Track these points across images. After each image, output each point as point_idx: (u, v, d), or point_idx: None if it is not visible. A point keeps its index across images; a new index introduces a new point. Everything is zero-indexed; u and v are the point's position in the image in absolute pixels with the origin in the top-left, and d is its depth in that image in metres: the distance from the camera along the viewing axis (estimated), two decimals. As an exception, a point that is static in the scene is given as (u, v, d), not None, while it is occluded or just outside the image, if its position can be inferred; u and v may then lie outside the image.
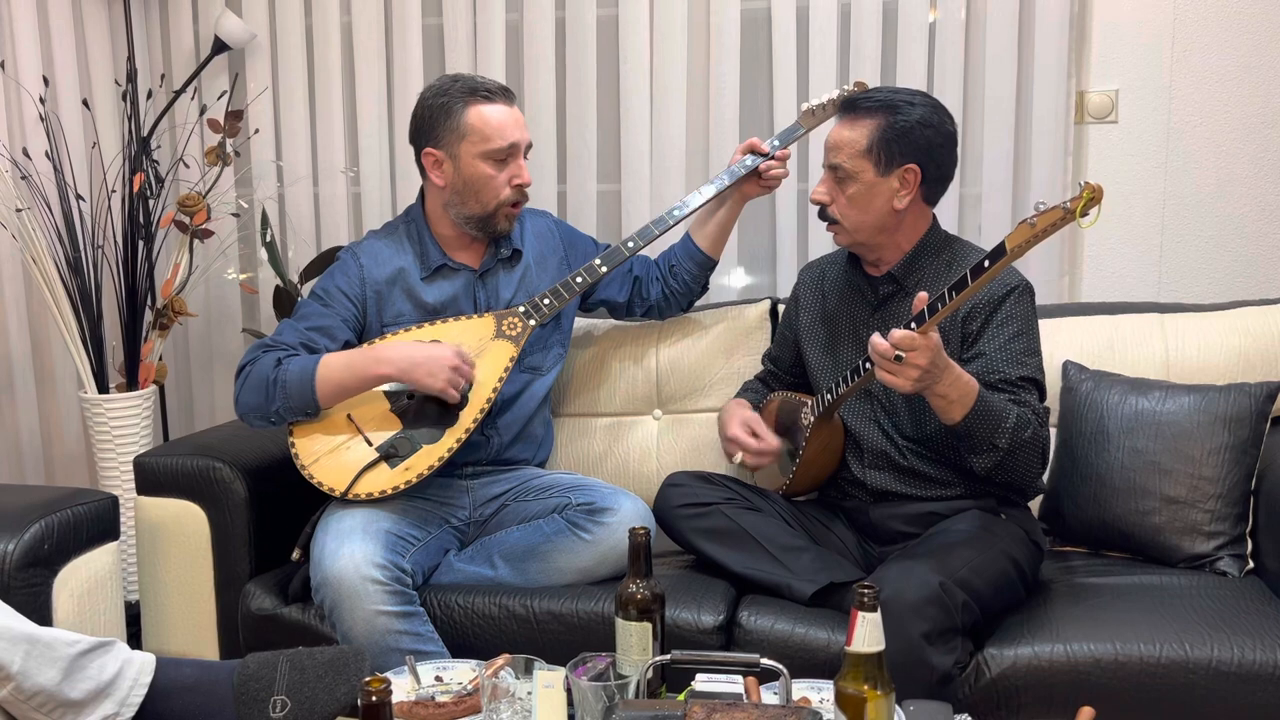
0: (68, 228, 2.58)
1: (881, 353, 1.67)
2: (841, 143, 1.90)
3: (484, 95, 2.02)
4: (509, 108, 2.04)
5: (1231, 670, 1.63)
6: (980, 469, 1.81)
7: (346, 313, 2.05)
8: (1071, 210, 1.52)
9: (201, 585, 2.08)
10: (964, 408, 1.73)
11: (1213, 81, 2.48)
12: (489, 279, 2.12)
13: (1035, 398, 1.85)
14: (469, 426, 1.97)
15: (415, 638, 1.82)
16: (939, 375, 1.69)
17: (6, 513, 1.81)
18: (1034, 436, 1.79)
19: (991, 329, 1.87)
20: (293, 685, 1.54)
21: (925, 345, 1.65)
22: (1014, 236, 1.58)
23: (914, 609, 1.61)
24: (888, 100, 1.89)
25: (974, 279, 1.62)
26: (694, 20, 2.63)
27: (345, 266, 2.09)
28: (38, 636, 1.47)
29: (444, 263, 2.10)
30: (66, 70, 2.72)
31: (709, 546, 1.95)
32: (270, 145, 2.83)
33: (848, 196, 1.91)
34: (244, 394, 1.95)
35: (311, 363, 1.93)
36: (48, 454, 2.84)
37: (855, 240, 1.96)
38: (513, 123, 2.04)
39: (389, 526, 1.89)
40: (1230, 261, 2.52)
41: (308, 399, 1.93)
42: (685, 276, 2.23)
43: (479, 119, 2.01)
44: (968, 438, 1.78)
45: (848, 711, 1.27)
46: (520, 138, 2.04)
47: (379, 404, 1.99)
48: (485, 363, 2.02)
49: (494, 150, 2.01)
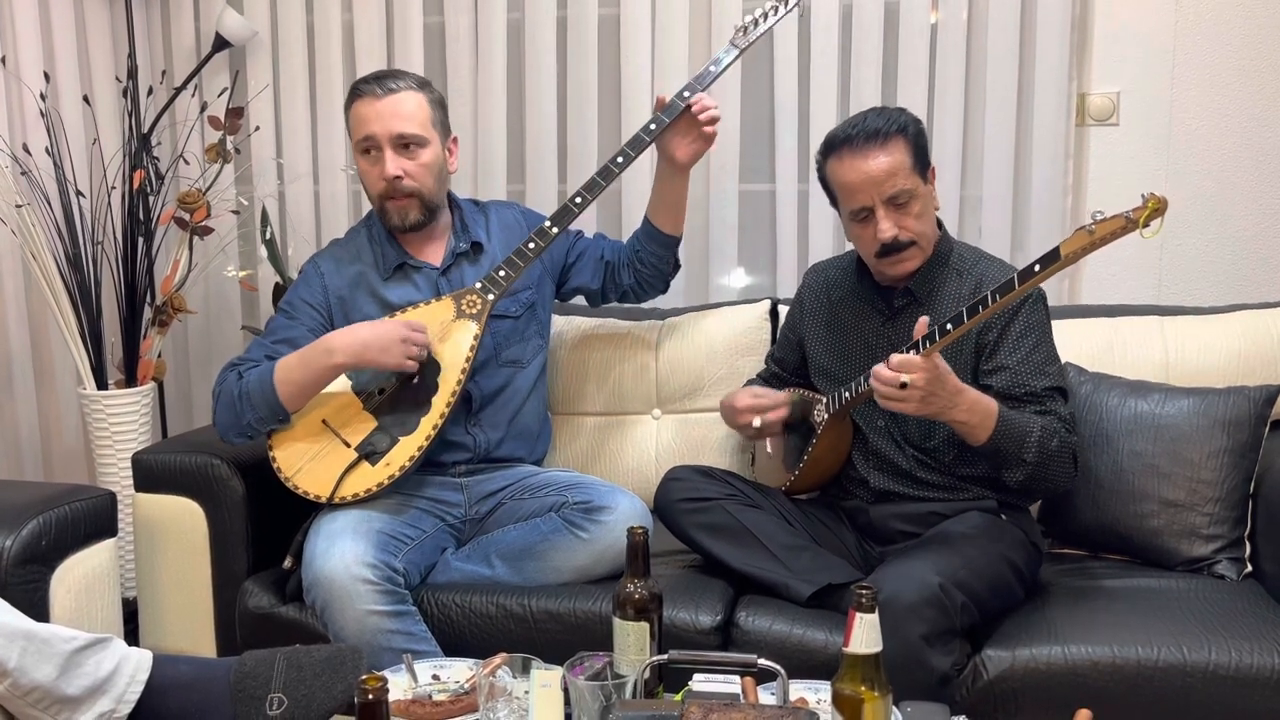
0: (68, 224, 2.58)
1: (886, 380, 1.68)
2: (889, 170, 1.83)
3: (357, 91, 2.04)
4: (375, 99, 2.00)
5: (1229, 674, 1.62)
6: (1014, 483, 1.81)
7: (313, 323, 2.05)
8: (1134, 220, 1.51)
9: (199, 583, 2.08)
10: (987, 430, 1.74)
11: (1214, 84, 2.48)
12: (452, 273, 2.12)
13: (1061, 405, 1.85)
14: (443, 411, 1.96)
15: (408, 637, 1.81)
16: (950, 399, 1.69)
17: (4, 509, 1.81)
18: (1062, 445, 1.80)
19: (1010, 340, 1.86)
20: (290, 683, 1.53)
21: (923, 367, 1.65)
22: (1070, 243, 1.57)
23: (912, 610, 1.61)
24: (893, 120, 1.86)
25: (1022, 283, 1.62)
26: (695, 20, 2.63)
27: (307, 278, 2.11)
28: (34, 632, 1.47)
29: (403, 261, 2.10)
30: (67, 66, 2.72)
31: (708, 542, 1.95)
32: (270, 142, 2.83)
33: (915, 216, 1.86)
34: (218, 414, 1.98)
35: (268, 369, 1.95)
36: (46, 450, 2.84)
37: (925, 257, 1.91)
38: (374, 115, 2.00)
39: (381, 526, 1.89)
40: (1230, 264, 2.52)
41: (273, 404, 1.94)
42: (651, 258, 2.21)
43: (352, 120, 2.06)
44: (996, 455, 1.78)
45: (845, 713, 1.27)
46: (378, 130, 2.00)
47: (351, 405, 1.99)
48: (449, 344, 2.00)
49: (358, 144, 2.04)
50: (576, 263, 2.25)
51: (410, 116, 2.02)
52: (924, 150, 1.88)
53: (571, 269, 2.25)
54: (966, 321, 1.67)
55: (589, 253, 2.25)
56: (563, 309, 2.45)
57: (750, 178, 2.70)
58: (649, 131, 2.08)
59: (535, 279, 2.17)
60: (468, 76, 2.72)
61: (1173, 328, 2.19)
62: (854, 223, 1.91)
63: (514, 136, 2.74)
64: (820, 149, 1.93)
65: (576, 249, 2.25)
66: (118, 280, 2.66)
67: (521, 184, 2.75)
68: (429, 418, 1.96)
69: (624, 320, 2.42)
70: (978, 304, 1.67)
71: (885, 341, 1.96)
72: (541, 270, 2.19)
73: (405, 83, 2.04)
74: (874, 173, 1.84)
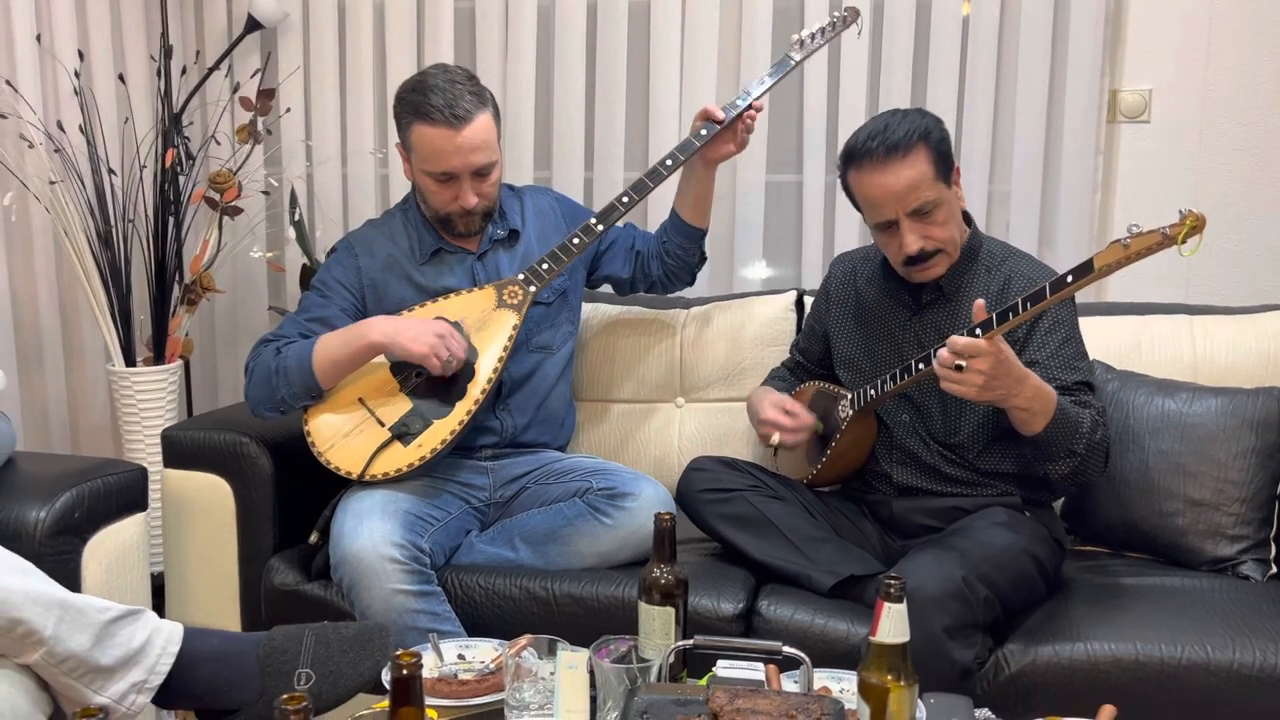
0: (99, 202, 2.60)
1: (943, 361, 1.67)
2: (912, 184, 1.80)
3: (426, 117, 1.97)
4: (452, 131, 1.95)
5: (1253, 674, 1.62)
6: (1056, 475, 1.80)
7: (345, 302, 2.07)
8: (1172, 237, 1.52)
9: (226, 559, 2.10)
10: (1046, 417, 1.73)
11: (1247, 83, 2.46)
12: (488, 259, 2.13)
13: (1093, 398, 1.85)
14: (477, 398, 1.97)
15: (432, 617, 1.83)
16: (1012, 386, 1.68)
17: (38, 481, 1.83)
18: (1102, 438, 1.80)
19: (1040, 335, 1.86)
20: (317, 659, 1.55)
21: (988, 351, 1.64)
22: (1104, 256, 1.57)
23: (935, 602, 1.61)
24: (914, 127, 1.83)
25: (1053, 293, 1.62)
26: (726, 11, 2.62)
27: (340, 258, 2.12)
28: (70, 602, 1.49)
29: (440, 247, 2.11)
30: (101, 45, 2.73)
31: (730, 532, 1.96)
32: (300, 125, 2.84)
33: (939, 224, 1.85)
34: (252, 388, 2.00)
35: (308, 346, 1.97)
36: (74, 425, 2.86)
37: (952, 260, 1.90)
38: (453, 150, 1.96)
39: (408, 507, 1.91)
40: (1261, 264, 2.51)
41: (308, 379, 1.95)
42: (677, 250, 2.22)
43: (419, 140, 2.00)
44: (1047, 446, 1.77)
45: (870, 701, 1.28)
46: (458, 165, 1.98)
47: (388, 384, 2.00)
48: (488, 333, 2.01)
49: (433, 172, 2.01)
50: (608, 251, 2.26)
51: (486, 145, 2.00)
52: (947, 155, 1.85)
53: (603, 257, 2.26)
54: (1025, 310, 1.65)
55: (620, 242, 2.26)
56: (589, 296, 2.45)
57: (777, 169, 2.69)
58: (699, 137, 2.10)
59: (569, 266, 2.18)
60: (497, 62, 2.72)
61: (1201, 327, 2.18)
62: (879, 233, 1.90)
63: (541, 123, 2.74)
64: (841, 156, 1.91)
65: (609, 238, 2.26)
66: (148, 259, 2.68)
67: (548, 170, 2.75)
68: (463, 403, 1.97)
69: (650, 309, 2.43)
70: (1029, 298, 1.65)
71: (912, 336, 1.96)
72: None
73: (473, 104, 1.97)
74: (896, 187, 1.81)
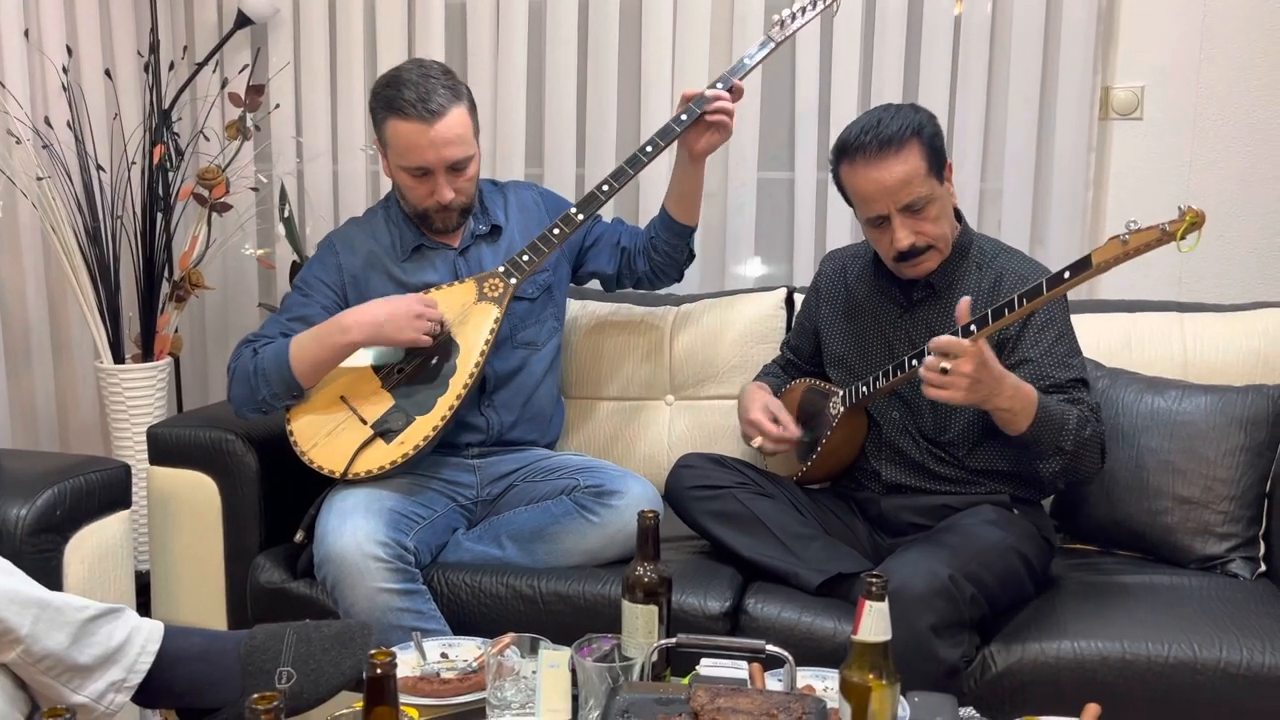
0: (87, 198, 2.59)
1: (929, 366, 1.66)
2: (904, 180, 1.79)
3: (399, 112, 1.95)
4: (425, 125, 1.93)
5: (1240, 672, 1.61)
6: (1048, 473, 1.80)
7: (326, 300, 2.06)
8: (1170, 233, 1.51)
9: (211, 556, 2.09)
10: (1028, 417, 1.72)
11: (1239, 80, 2.45)
12: (470, 254, 2.12)
13: (1087, 395, 1.84)
14: (460, 393, 1.96)
15: (417, 615, 1.82)
16: (994, 387, 1.67)
17: (20, 478, 1.83)
18: (1094, 434, 1.79)
19: (1032, 333, 1.85)
20: (299, 657, 1.54)
21: (971, 352, 1.63)
22: (1101, 252, 1.56)
23: (922, 600, 1.60)
24: (907, 122, 1.82)
25: (1049, 289, 1.61)
26: (718, 7, 2.61)
27: (321, 256, 2.12)
28: (48, 601, 1.48)
29: (421, 243, 2.10)
30: (90, 40, 2.72)
31: (718, 529, 1.95)
32: (290, 121, 2.83)
33: (931, 220, 1.84)
34: (233, 389, 1.99)
35: (284, 345, 1.96)
36: (62, 422, 2.85)
37: (943, 256, 1.89)
38: (426, 144, 1.95)
39: (393, 505, 1.90)
40: (1252, 261, 2.50)
41: (288, 380, 1.94)
42: (665, 247, 2.20)
43: (393, 135, 1.98)
44: (1034, 445, 1.76)
45: (852, 700, 1.27)
46: (432, 159, 1.96)
47: (369, 382, 2.00)
48: (470, 327, 2.00)
49: (407, 167, 2.00)
50: (593, 247, 2.25)
51: (461, 139, 1.98)
52: (939, 151, 1.84)
53: (588, 253, 2.25)
54: (1021, 306, 1.64)
55: (606, 237, 2.25)
56: (578, 293, 2.45)
57: (769, 165, 2.69)
58: (679, 122, 2.07)
59: (553, 262, 2.17)
60: (488, 58, 2.72)
61: (1192, 324, 2.17)
62: (871, 228, 1.89)
63: (533, 120, 2.73)
64: (833, 151, 1.90)
65: (594, 233, 2.25)
66: (136, 255, 2.67)
67: (540, 168, 2.74)
68: (445, 398, 1.96)
69: (639, 306, 2.42)
70: (1025, 295, 1.64)
71: (902, 334, 1.95)
72: (559, 253, 2.18)
73: (446, 98, 1.96)
74: (888, 183, 1.80)
